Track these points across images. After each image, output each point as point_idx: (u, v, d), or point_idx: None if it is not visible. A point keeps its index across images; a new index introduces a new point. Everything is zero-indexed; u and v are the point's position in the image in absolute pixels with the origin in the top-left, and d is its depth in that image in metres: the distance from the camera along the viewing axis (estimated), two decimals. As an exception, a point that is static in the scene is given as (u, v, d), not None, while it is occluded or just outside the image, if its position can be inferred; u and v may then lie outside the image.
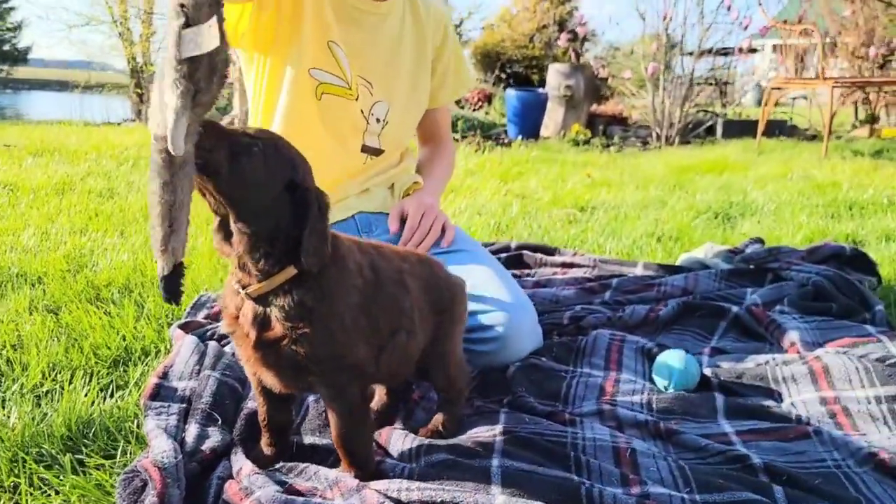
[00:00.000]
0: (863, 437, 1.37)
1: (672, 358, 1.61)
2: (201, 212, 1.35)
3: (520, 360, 1.66)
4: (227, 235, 1.10)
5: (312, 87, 1.72)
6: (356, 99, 1.78)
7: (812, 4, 7.73)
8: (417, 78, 1.91)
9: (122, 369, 1.61)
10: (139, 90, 10.81)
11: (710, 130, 7.58)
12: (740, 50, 7.13)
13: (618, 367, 1.68)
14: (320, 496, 1.10)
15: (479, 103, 9.09)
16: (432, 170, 2.04)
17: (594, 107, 8.34)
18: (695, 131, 7.14)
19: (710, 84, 8.11)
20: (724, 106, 8.28)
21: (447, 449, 1.26)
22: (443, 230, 1.82)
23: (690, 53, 7.07)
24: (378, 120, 1.84)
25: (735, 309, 1.95)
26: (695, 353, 1.74)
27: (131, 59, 11.10)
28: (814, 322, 1.85)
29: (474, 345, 1.63)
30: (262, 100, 1.77)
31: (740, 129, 7.39)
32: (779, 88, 6.12)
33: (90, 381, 1.52)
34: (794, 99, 9.74)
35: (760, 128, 6.03)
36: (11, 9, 48.98)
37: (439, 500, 1.11)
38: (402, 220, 1.82)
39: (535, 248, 2.54)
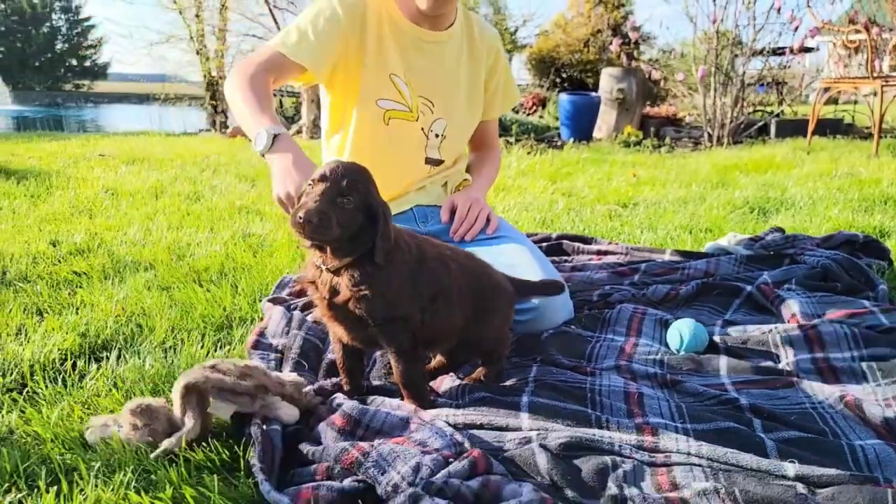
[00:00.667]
0: (841, 387, 1.61)
1: (683, 324, 1.87)
2: (278, 210, 1.69)
3: (553, 328, 1.96)
4: None
5: (381, 114, 2.08)
6: (416, 119, 2.13)
7: (863, 4, 7.70)
8: (472, 97, 2.24)
9: (225, 332, 1.98)
10: (214, 102, 11.50)
11: (764, 130, 7.65)
12: (792, 50, 7.18)
13: (637, 334, 1.95)
14: (388, 408, 1.42)
15: (534, 108, 9.35)
16: (480, 170, 2.36)
17: (647, 109, 8.49)
18: (747, 131, 7.23)
19: (763, 84, 8.15)
20: (780, 104, 8.30)
21: (485, 389, 1.57)
22: (488, 221, 2.13)
23: (741, 55, 7.16)
24: (437, 135, 2.17)
25: (749, 288, 2.19)
26: (708, 325, 2.00)
27: (207, 73, 11.83)
28: (816, 297, 2.08)
29: (514, 314, 1.94)
30: (339, 121, 2.14)
31: (794, 128, 7.43)
32: (828, 88, 6.18)
33: (202, 339, 1.90)
34: (864, 96, 9.63)
35: (811, 127, 6.11)
36: (92, 27, 51.83)
37: (477, 422, 1.43)
38: (452, 213, 2.15)
39: (574, 238, 2.82)
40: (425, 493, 1.00)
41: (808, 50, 8.36)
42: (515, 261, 2.00)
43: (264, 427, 1.32)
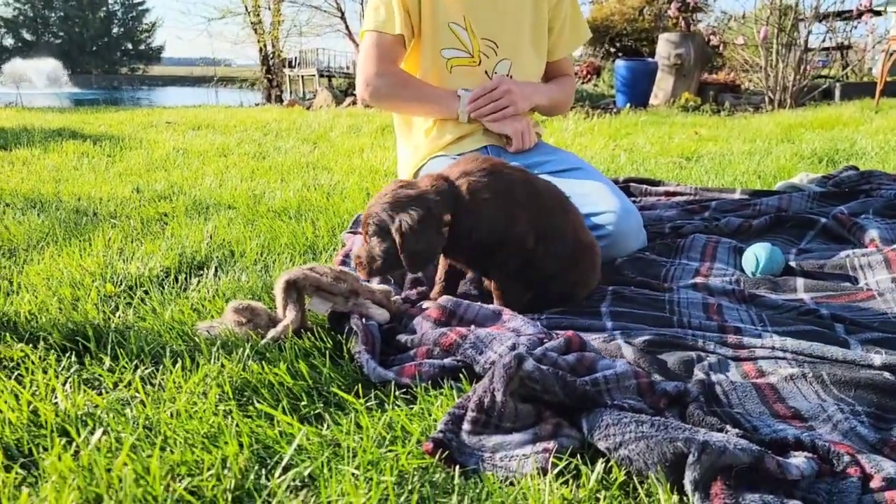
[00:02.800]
0: (924, 300, 1.62)
1: (759, 247, 1.89)
2: (347, 149, 1.76)
3: (626, 256, 2.00)
4: None
5: (444, 64, 2.18)
6: (479, 64, 2.21)
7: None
8: (537, 36, 2.28)
9: (310, 255, 2.08)
10: (269, 76, 11.71)
11: (828, 95, 7.43)
12: (859, 12, 6.94)
13: (712, 259, 1.98)
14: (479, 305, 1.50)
15: (588, 76, 9.27)
16: (546, 83, 2.39)
17: (705, 75, 8.33)
18: (810, 94, 7.04)
19: (826, 49, 7.90)
20: (844, 68, 8.04)
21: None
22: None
23: (805, 18, 6.96)
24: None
25: (823, 220, 2.18)
26: (783, 253, 2.01)
27: (263, 46, 12.03)
28: (895, 224, 2.06)
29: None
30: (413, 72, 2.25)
31: (860, 91, 7.20)
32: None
33: (290, 260, 1.99)
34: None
35: (879, 87, 5.92)
36: (146, 11, 53.03)
37: (562, 324, 1.48)
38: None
39: (641, 181, 2.84)
40: (527, 356, 1.06)
41: (877, 13, 8.05)
42: (591, 191, 2.04)
43: (363, 321, 1.40)
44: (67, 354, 1.35)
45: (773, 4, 6.88)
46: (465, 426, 1.04)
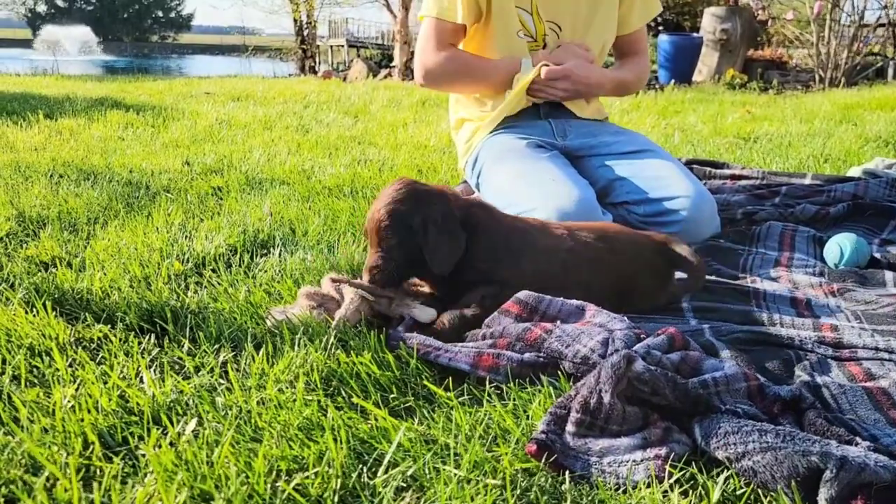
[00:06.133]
0: None
1: (844, 238, 1.81)
2: (390, 123, 1.70)
3: (700, 242, 1.93)
4: None
5: (521, 46, 2.13)
6: (543, 47, 2.16)
7: None
8: (603, 16, 2.19)
9: (373, 237, 2.04)
10: (304, 46, 11.63)
11: (881, 74, 7.17)
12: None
13: (791, 248, 1.90)
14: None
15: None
16: (615, 65, 2.33)
17: (750, 52, 8.08)
18: (863, 73, 6.80)
19: (882, 25, 7.61)
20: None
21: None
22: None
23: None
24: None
25: (906, 209, 2.09)
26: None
27: (298, 17, 11.94)
28: None
29: (663, 227, 1.91)
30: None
31: (916, 70, 6.94)
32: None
33: (354, 239, 1.96)
34: None
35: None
36: (177, -22, 53.01)
37: (639, 324, 1.43)
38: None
39: (704, 163, 2.74)
40: (637, 355, 1.01)
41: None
42: (663, 174, 1.97)
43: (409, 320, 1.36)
44: (146, 336, 1.33)
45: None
46: (569, 427, 0.99)
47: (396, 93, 6.66)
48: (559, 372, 1.17)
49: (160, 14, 52.39)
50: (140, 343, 1.29)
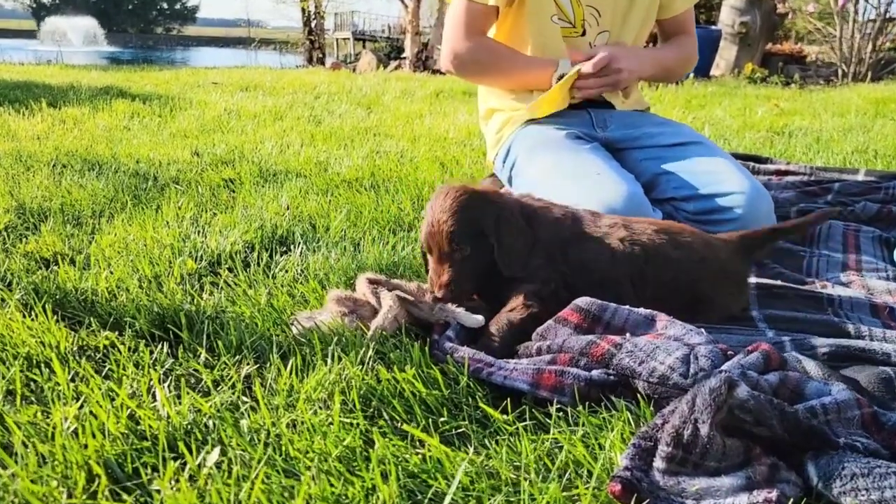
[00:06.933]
0: None
1: (918, 240, 1.65)
2: (405, 114, 1.52)
3: (754, 243, 1.77)
4: None
5: (555, 32, 1.99)
6: (582, 34, 2.01)
7: None
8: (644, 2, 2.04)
9: (401, 231, 1.89)
10: (312, 37, 11.46)
11: (905, 68, 6.99)
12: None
13: (856, 250, 1.74)
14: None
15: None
16: (658, 46, 2.17)
17: (769, 46, 7.90)
18: (888, 67, 6.62)
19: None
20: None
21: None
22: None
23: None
24: None
25: (975, 208, 1.93)
26: (934, 246, 1.77)
27: (305, 8, 11.77)
28: None
29: (715, 226, 1.76)
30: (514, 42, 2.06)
31: (941, 65, 6.76)
32: None
33: (379, 236, 1.80)
34: None
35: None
36: (182, -31, 52.84)
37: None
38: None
39: (746, 158, 2.59)
40: (739, 379, 0.86)
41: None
42: (715, 170, 1.82)
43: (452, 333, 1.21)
44: (158, 345, 1.18)
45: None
46: (658, 463, 0.84)
47: (409, 84, 6.50)
48: (631, 391, 1.02)
49: (165, 6, 52.20)
50: (151, 353, 1.15)
